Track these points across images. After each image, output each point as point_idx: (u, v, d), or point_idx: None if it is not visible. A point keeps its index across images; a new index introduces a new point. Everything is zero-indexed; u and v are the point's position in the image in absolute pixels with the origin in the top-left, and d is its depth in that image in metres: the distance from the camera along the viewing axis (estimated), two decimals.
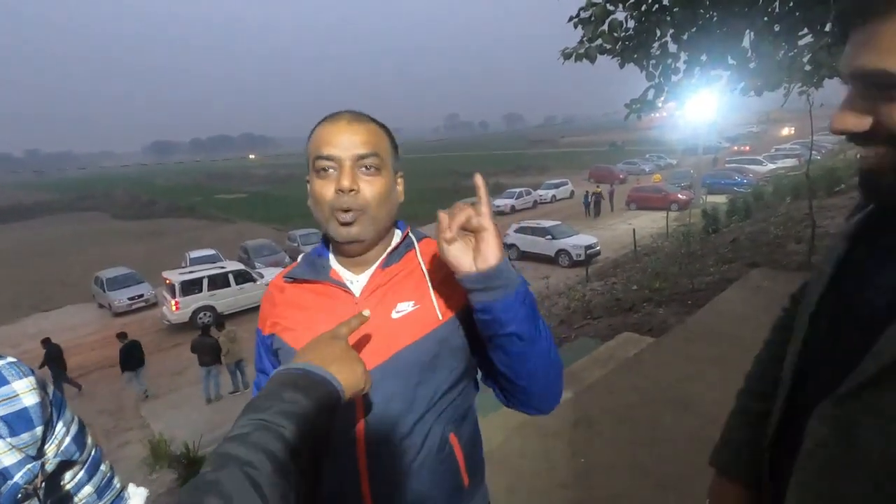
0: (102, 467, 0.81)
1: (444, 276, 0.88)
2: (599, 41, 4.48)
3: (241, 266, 14.50)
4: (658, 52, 4.69)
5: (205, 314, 12.89)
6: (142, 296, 15.01)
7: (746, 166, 27.47)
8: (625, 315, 5.40)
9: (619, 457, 2.32)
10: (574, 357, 3.64)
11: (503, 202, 25.47)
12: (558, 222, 16.98)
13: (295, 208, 30.09)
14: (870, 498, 0.56)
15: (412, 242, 0.93)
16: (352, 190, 0.81)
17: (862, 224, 0.67)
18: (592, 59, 4.52)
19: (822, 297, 0.68)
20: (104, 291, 15.18)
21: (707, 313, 3.98)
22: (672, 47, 4.62)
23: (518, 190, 26.91)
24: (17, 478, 0.65)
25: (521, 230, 16.90)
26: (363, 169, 0.83)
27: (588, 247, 15.08)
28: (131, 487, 0.87)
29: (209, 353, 8.65)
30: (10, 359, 0.70)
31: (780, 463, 0.73)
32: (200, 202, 42.28)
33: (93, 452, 0.80)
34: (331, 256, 0.94)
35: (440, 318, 0.85)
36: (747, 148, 41.05)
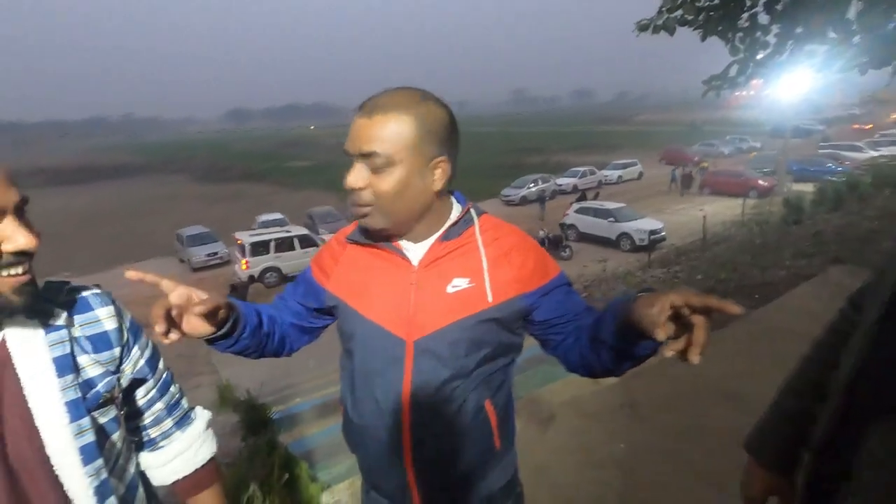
0: (172, 388, 0.94)
1: (498, 258, 0.92)
2: (680, 11, 4.18)
3: (305, 231, 15.22)
4: (747, 24, 4.31)
5: (271, 274, 13.71)
6: (216, 253, 16.19)
7: (842, 153, 24.92)
8: None
9: (661, 444, 2.28)
10: None
11: (565, 181, 24.74)
12: (623, 204, 16.32)
13: None
14: None
15: (472, 219, 0.95)
16: (356, 188, 0.85)
17: None
18: (671, 31, 4.23)
19: (888, 306, 0.65)
20: (184, 247, 16.51)
21: (775, 309, 3.74)
22: (763, 18, 4.23)
23: (582, 169, 25.99)
24: (100, 386, 0.77)
25: (581, 210, 16.42)
26: (371, 166, 0.84)
27: (652, 231, 14.43)
28: (198, 409, 1.00)
29: None
30: (96, 290, 0.83)
31: (825, 464, 0.75)
32: (272, 168, 44.36)
33: (164, 375, 0.92)
34: None
35: (490, 300, 0.89)
36: (869, 126, 37.03)
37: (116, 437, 0.80)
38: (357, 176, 0.85)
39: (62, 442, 0.71)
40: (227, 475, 2.09)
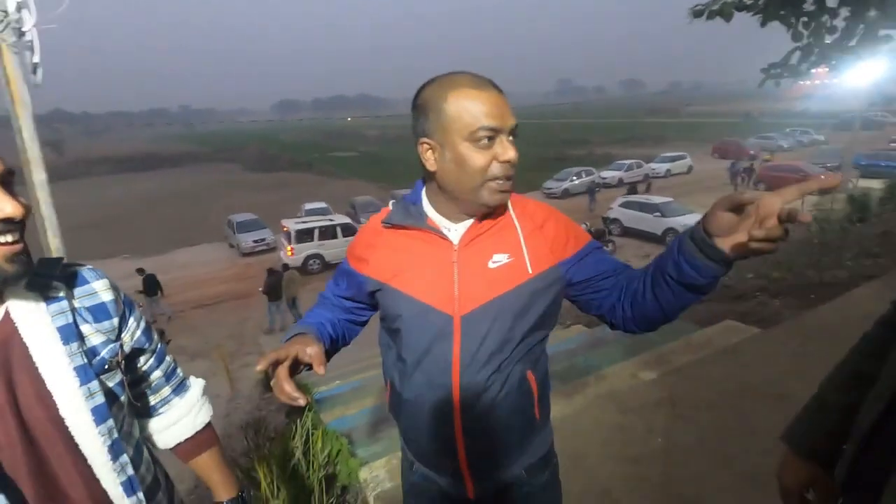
0: (167, 358, 1.00)
1: (532, 231, 0.96)
2: None
3: (348, 220, 15.56)
4: (812, 8, 4.05)
5: (314, 261, 14.14)
6: (264, 240, 16.81)
7: None
8: (731, 303, 4.97)
9: (701, 442, 2.23)
10: (664, 339, 3.48)
11: (610, 174, 24.08)
12: (670, 199, 15.75)
13: (401, 169, 31.15)
14: None
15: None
16: (515, 162, 0.88)
17: None
18: (728, 17, 4.04)
19: None
20: (234, 233, 17.22)
21: (832, 310, 3.55)
22: (831, 1, 3.97)
23: (628, 162, 25.18)
24: (104, 353, 0.82)
25: (626, 205, 15.95)
26: (511, 138, 0.88)
27: None
28: (192, 378, 1.07)
29: (275, 290, 10.46)
30: (89, 266, 0.87)
31: (869, 455, 0.74)
32: (317, 158, 45.43)
33: (159, 346, 0.98)
34: (425, 204, 0.99)
35: (530, 271, 0.92)
36: None
37: (123, 400, 0.84)
38: (515, 149, 0.88)
39: (74, 404, 0.74)
40: (274, 446, 2.21)
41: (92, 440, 0.76)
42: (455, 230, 0.96)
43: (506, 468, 1.02)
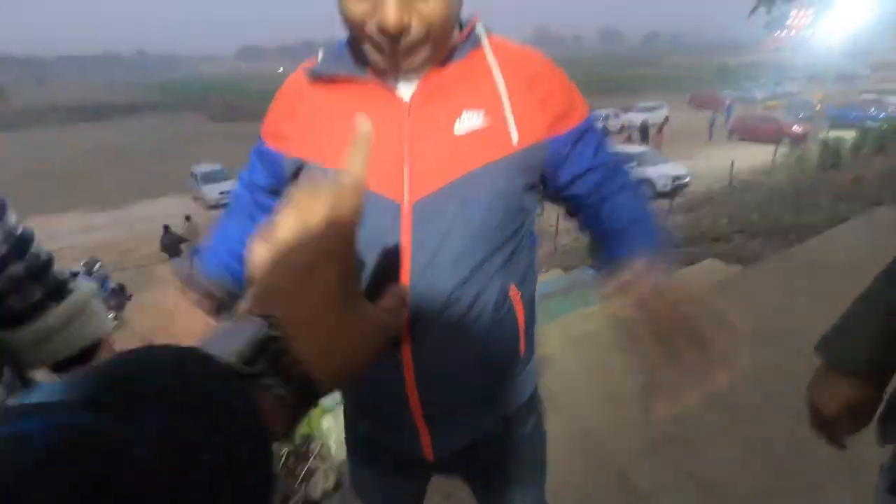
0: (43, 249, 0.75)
1: (519, 87, 0.65)
2: None
3: None
4: None
5: None
6: (229, 191, 16.10)
7: (888, 98, 23.28)
8: (710, 245, 4.91)
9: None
10: None
11: None
12: (645, 148, 15.65)
13: None
14: None
15: (479, 38, 0.67)
16: (406, 24, 0.56)
17: None
18: None
19: None
20: (198, 185, 16.46)
21: (814, 246, 3.46)
22: None
23: (605, 112, 24.87)
24: None
25: None
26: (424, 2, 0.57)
27: (676, 177, 13.85)
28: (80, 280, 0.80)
29: (173, 247, 10.27)
30: None
31: None
32: None
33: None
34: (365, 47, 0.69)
35: (516, 142, 0.64)
36: None
37: None
38: (402, 7, 0.55)
39: None
40: None
41: None
42: (406, 82, 0.66)
43: (477, 417, 0.75)
